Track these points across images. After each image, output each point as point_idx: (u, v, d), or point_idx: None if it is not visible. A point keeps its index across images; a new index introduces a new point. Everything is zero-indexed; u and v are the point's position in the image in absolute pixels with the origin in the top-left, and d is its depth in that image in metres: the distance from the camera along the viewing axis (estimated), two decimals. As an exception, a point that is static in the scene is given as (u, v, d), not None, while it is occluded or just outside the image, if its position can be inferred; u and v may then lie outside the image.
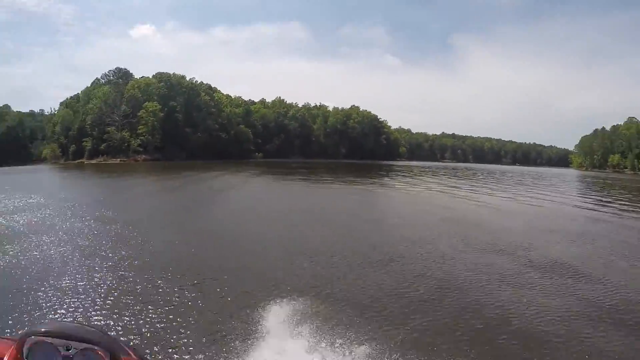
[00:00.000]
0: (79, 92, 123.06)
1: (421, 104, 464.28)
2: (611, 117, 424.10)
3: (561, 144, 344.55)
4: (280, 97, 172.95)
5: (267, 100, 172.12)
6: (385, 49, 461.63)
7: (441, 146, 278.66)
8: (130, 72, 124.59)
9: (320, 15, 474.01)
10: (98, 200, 30.20)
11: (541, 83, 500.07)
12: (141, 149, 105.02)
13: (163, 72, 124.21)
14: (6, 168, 77.93)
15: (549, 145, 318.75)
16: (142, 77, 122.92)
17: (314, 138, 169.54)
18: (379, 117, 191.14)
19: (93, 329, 2.41)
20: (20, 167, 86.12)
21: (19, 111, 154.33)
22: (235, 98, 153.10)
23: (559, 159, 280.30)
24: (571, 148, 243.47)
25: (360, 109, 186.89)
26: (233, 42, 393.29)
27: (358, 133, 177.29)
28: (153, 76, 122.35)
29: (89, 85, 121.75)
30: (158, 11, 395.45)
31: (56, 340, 2.08)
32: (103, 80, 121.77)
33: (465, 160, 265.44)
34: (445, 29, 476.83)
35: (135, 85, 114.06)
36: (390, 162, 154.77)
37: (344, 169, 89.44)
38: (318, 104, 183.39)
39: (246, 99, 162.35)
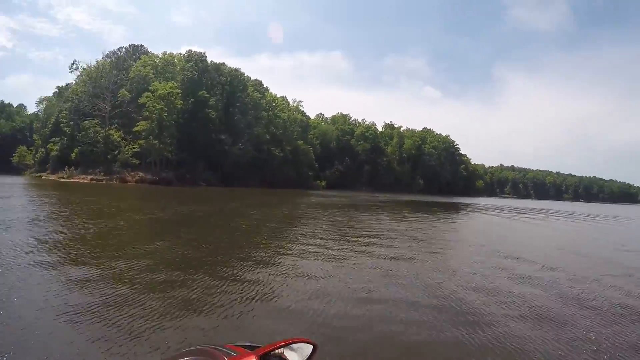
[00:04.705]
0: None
1: (463, 137, 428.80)
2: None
3: (620, 177, 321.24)
4: (342, 113, 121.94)
5: (325, 116, 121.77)
6: (425, 81, 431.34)
7: (500, 179, 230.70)
8: (148, 48, 75.08)
9: (361, 45, 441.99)
10: None
11: (590, 114, 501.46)
12: (138, 162, 54.26)
13: (195, 51, 74.06)
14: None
15: (609, 179, 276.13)
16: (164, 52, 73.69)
17: (384, 165, 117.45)
18: (455, 143, 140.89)
19: (193, 349, 2.52)
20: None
21: (35, 112, 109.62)
22: (294, 106, 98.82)
23: (622, 193, 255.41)
24: (633, 182, 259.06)
25: (435, 132, 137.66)
26: (277, 69, 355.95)
27: (435, 161, 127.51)
28: (180, 54, 73.06)
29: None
30: (205, 37, 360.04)
31: None
32: (109, 60, 71.84)
33: (527, 196, 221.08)
34: (487, 59, 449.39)
35: (148, 62, 64.79)
36: (475, 200, 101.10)
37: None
38: (388, 121, 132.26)
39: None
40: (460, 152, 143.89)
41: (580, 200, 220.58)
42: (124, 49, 73.30)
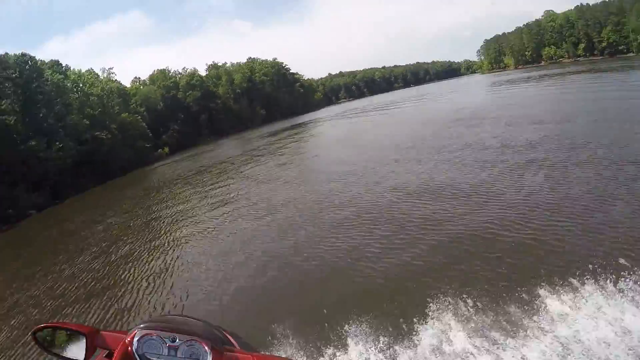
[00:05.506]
0: None
1: (289, 58, 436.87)
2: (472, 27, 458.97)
3: (441, 58, 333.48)
4: (159, 69, 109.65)
5: (142, 79, 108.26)
6: (233, 15, 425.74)
7: (333, 87, 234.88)
8: None
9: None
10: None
11: (402, 10, 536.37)
12: None
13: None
14: None
15: (432, 61, 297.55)
16: None
17: (220, 107, 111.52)
18: (284, 64, 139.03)
19: (197, 321, 2.58)
20: None
21: None
22: (105, 77, 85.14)
23: (445, 71, 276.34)
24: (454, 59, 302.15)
25: (261, 59, 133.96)
26: (73, 50, 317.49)
27: (269, 87, 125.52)
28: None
29: None
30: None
31: (162, 333, 2.12)
32: None
33: (361, 95, 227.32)
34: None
35: None
36: (318, 114, 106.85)
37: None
38: (212, 62, 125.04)
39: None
40: (292, 71, 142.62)
41: (411, 85, 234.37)
42: None
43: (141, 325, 2.11)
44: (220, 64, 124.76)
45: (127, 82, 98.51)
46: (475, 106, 40.65)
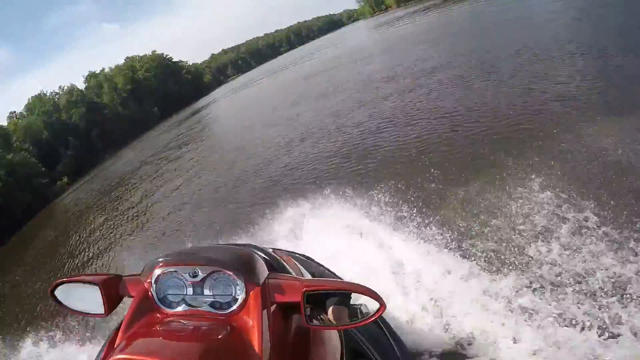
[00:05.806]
0: None
1: (168, 48, 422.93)
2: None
3: (319, 14, 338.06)
4: (33, 96, 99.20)
5: (18, 111, 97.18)
6: (98, 20, 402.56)
7: (219, 67, 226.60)
8: None
9: (9, 19, 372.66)
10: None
11: None
12: None
13: None
14: None
15: (312, 18, 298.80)
16: None
17: (110, 116, 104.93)
18: (165, 55, 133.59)
19: (230, 247, 2.34)
20: None
21: None
22: None
23: (328, 25, 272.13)
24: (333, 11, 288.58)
25: (139, 56, 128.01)
26: None
27: (156, 82, 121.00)
28: None
29: None
30: None
31: (181, 268, 1.75)
32: None
33: (249, 67, 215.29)
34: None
35: None
36: (213, 96, 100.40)
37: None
38: (89, 72, 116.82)
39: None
40: (174, 60, 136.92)
41: (297, 46, 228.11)
42: None
43: (160, 260, 1.74)
44: (97, 72, 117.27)
45: (3, 121, 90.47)
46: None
